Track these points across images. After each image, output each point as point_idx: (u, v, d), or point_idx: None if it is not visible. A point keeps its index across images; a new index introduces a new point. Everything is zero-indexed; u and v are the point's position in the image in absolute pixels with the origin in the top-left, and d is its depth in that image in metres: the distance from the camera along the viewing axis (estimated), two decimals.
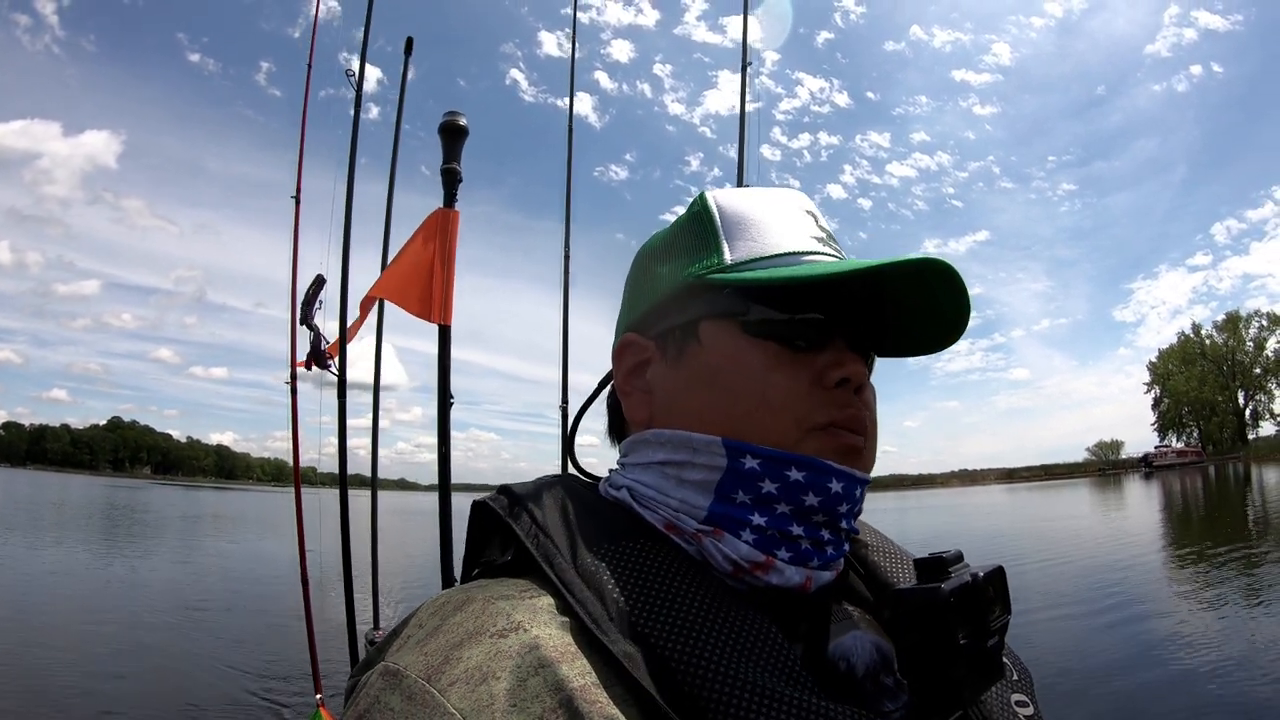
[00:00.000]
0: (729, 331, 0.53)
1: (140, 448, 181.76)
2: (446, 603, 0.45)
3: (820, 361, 0.51)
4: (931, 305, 0.54)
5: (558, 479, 0.57)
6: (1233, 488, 36.72)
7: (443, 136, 2.68)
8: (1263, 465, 56.42)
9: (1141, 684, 5.99)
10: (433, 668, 0.40)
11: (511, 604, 0.43)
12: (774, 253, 0.54)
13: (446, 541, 2.65)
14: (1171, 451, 76.63)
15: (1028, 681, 0.57)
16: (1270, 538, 15.32)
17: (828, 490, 0.49)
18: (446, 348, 2.68)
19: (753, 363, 0.51)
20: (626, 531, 0.49)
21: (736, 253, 0.54)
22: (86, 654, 7.56)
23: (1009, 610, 0.48)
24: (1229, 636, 7.31)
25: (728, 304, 0.53)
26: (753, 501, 0.49)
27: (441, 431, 2.65)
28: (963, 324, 0.54)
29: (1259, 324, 76.06)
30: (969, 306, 0.53)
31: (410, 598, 10.45)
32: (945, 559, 0.47)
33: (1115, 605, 9.19)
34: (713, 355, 0.53)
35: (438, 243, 2.74)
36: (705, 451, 0.50)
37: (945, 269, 0.49)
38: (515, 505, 0.52)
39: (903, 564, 0.61)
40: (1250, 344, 75.99)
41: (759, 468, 0.49)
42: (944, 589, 0.44)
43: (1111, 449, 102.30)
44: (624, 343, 0.59)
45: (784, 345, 0.51)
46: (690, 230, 0.58)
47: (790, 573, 0.49)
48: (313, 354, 4.31)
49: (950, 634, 0.44)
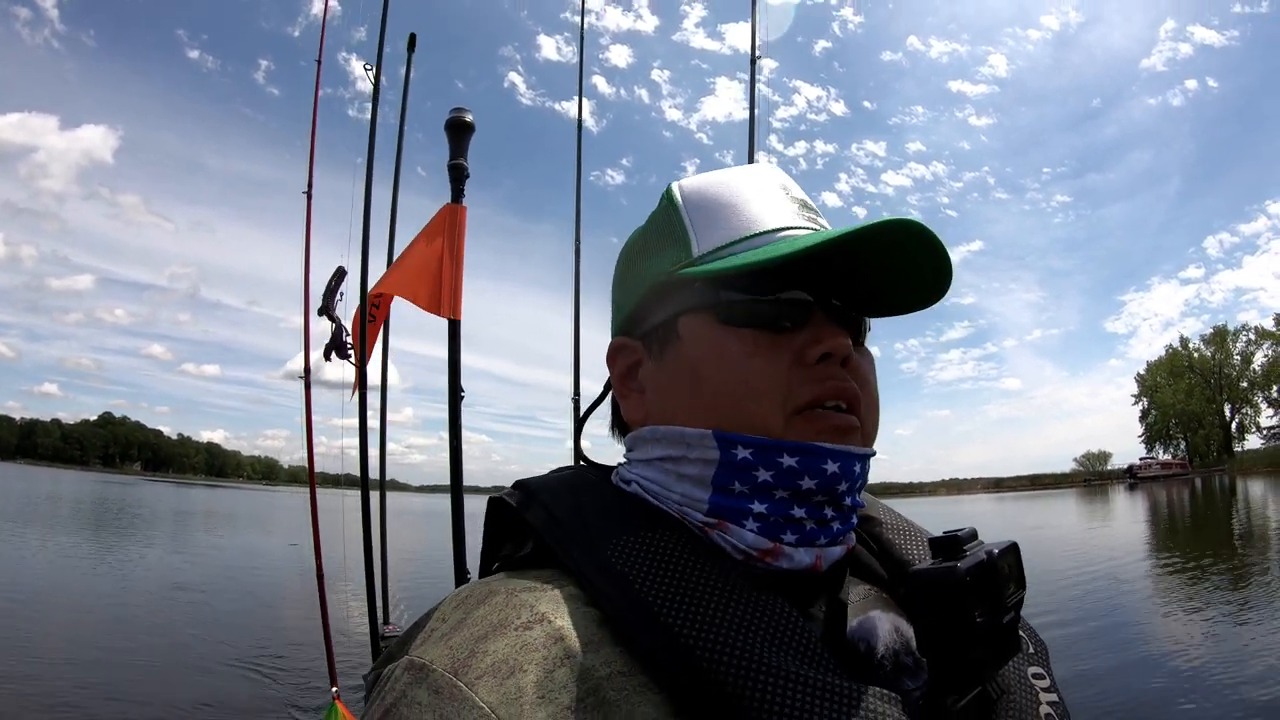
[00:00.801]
0: (705, 323, 0.53)
1: (131, 444, 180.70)
2: (469, 596, 0.46)
3: (800, 340, 0.51)
4: (910, 263, 0.53)
5: (571, 471, 0.58)
6: (1207, 499, 37.16)
7: (449, 132, 2.67)
8: (1247, 478, 57.02)
9: (1101, 693, 6.09)
10: (459, 661, 0.40)
11: (535, 596, 0.44)
12: (742, 235, 0.53)
13: (459, 536, 2.63)
14: (1156, 463, 77.50)
15: (1043, 654, 0.57)
16: (1239, 545, 15.70)
17: (823, 472, 0.49)
18: (457, 342, 2.68)
19: (731, 351, 0.51)
20: (643, 521, 0.49)
21: (704, 242, 0.54)
22: (103, 650, 7.52)
23: (1024, 586, 0.48)
24: (1198, 642, 7.54)
25: (700, 296, 0.53)
26: (751, 491, 0.49)
27: (453, 426, 2.64)
28: (946, 278, 0.54)
29: (1246, 338, 77.07)
30: (949, 261, 0.52)
31: (412, 594, 10.55)
32: (960, 537, 0.47)
33: (1084, 612, 9.41)
34: (693, 349, 0.53)
35: (446, 238, 2.72)
36: (698, 445, 0.51)
37: (916, 228, 0.49)
38: (531, 499, 0.53)
39: (917, 541, 0.60)
40: (1237, 358, 76.96)
41: (752, 457, 0.49)
42: (960, 568, 0.44)
43: (1099, 460, 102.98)
44: (615, 347, 0.60)
45: (761, 329, 0.51)
46: (661, 225, 0.58)
47: (800, 555, 0.49)
48: (334, 344, 4.31)
49: (967, 613, 0.43)
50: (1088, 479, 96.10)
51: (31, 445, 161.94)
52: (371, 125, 4.81)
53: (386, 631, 3.97)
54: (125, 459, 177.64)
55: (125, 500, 43.74)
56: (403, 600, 9.58)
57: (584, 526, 0.49)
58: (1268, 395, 75.25)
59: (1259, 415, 76.92)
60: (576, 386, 5.27)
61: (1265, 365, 74.94)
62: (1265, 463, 67.20)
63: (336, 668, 4.35)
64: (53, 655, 7.20)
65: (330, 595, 4.51)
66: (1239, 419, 78.35)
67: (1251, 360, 76.25)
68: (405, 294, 2.90)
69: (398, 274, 3.05)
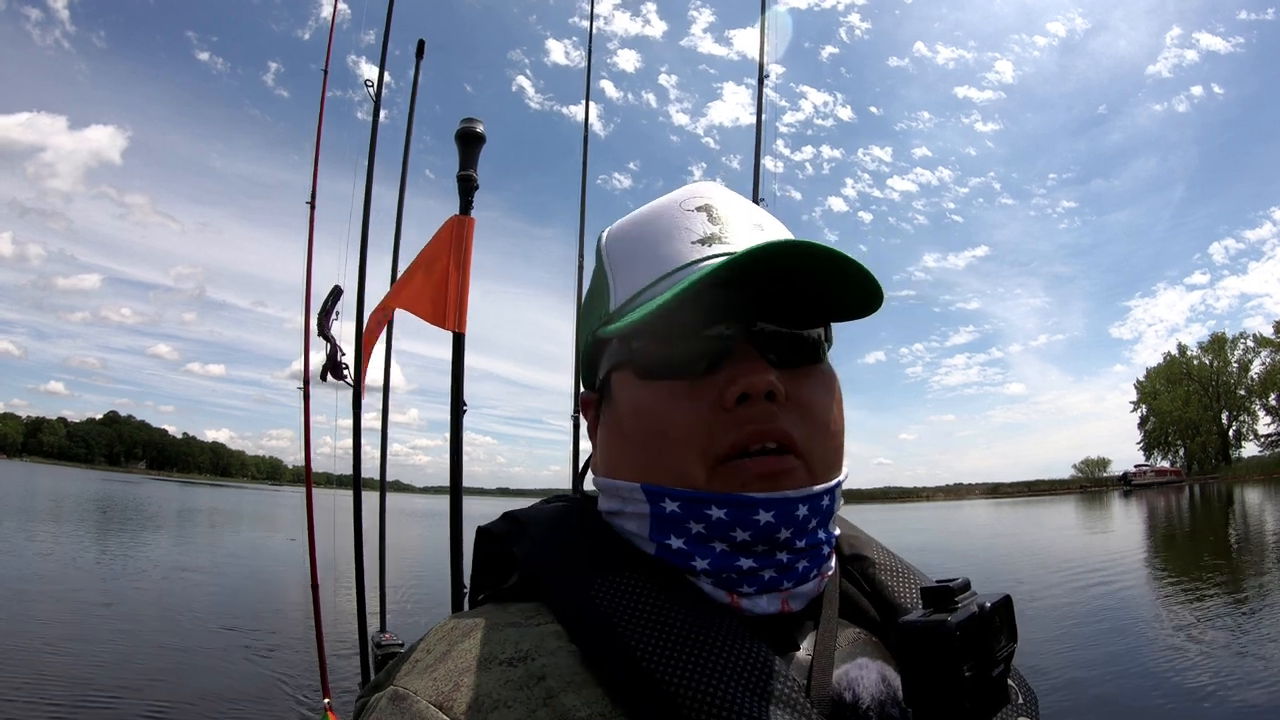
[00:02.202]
0: (626, 379, 0.53)
1: (136, 443, 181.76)
2: (455, 628, 0.46)
3: (719, 381, 0.49)
4: (830, 278, 0.51)
5: (562, 501, 0.59)
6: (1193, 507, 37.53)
7: (459, 143, 2.66)
8: (1243, 485, 56.99)
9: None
10: (442, 694, 0.41)
11: (519, 631, 0.45)
12: (653, 280, 0.52)
13: (457, 547, 2.60)
14: (1150, 471, 77.77)
15: (1033, 705, 0.55)
16: (1217, 548, 16.30)
17: (755, 523, 0.48)
18: (461, 355, 2.66)
19: (646, 404, 0.51)
20: (627, 562, 0.49)
21: (618, 295, 0.54)
22: (90, 653, 7.47)
23: (1015, 639, 0.47)
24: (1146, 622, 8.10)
25: (617, 353, 0.53)
26: (688, 544, 0.49)
27: (454, 437, 2.63)
28: (871, 284, 0.50)
29: (1244, 345, 77.18)
30: (865, 271, 0.49)
31: (414, 597, 10.65)
32: (952, 588, 0.46)
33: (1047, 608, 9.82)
34: (619, 406, 0.53)
35: (453, 250, 2.71)
36: (630, 499, 0.51)
37: (807, 249, 0.47)
38: (519, 532, 0.53)
39: (910, 585, 0.59)
40: (1235, 365, 77.09)
41: (680, 510, 0.49)
42: (950, 622, 0.42)
43: (1098, 466, 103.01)
44: (583, 401, 0.62)
45: (678, 378, 0.50)
46: (596, 279, 0.59)
47: (761, 604, 0.49)
48: (329, 365, 4.25)
49: (956, 667, 0.42)
50: (1084, 485, 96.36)
51: (37, 443, 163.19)
52: (371, 145, 4.74)
53: (384, 640, 3.82)
54: (130, 458, 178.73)
55: (131, 498, 44.00)
56: (409, 602, 9.71)
57: (569, 563, 0.49)
58: (1265, 403, 75.55)
59: (1256, 423, 77.23)
60: (577, 404, 5.06)
61: (1263, 373, 75.25)
62: (1258, 470, 67.41)
63: (329, 678, 4.30)
64: (41, 659, 7.03)
65: (332, 598, 4.54)
66: (1236, 426, 78.64)
67: (1249, 368, 76.54)
68: (409, 307, 2.89)
69: (401, 289, 3.08)
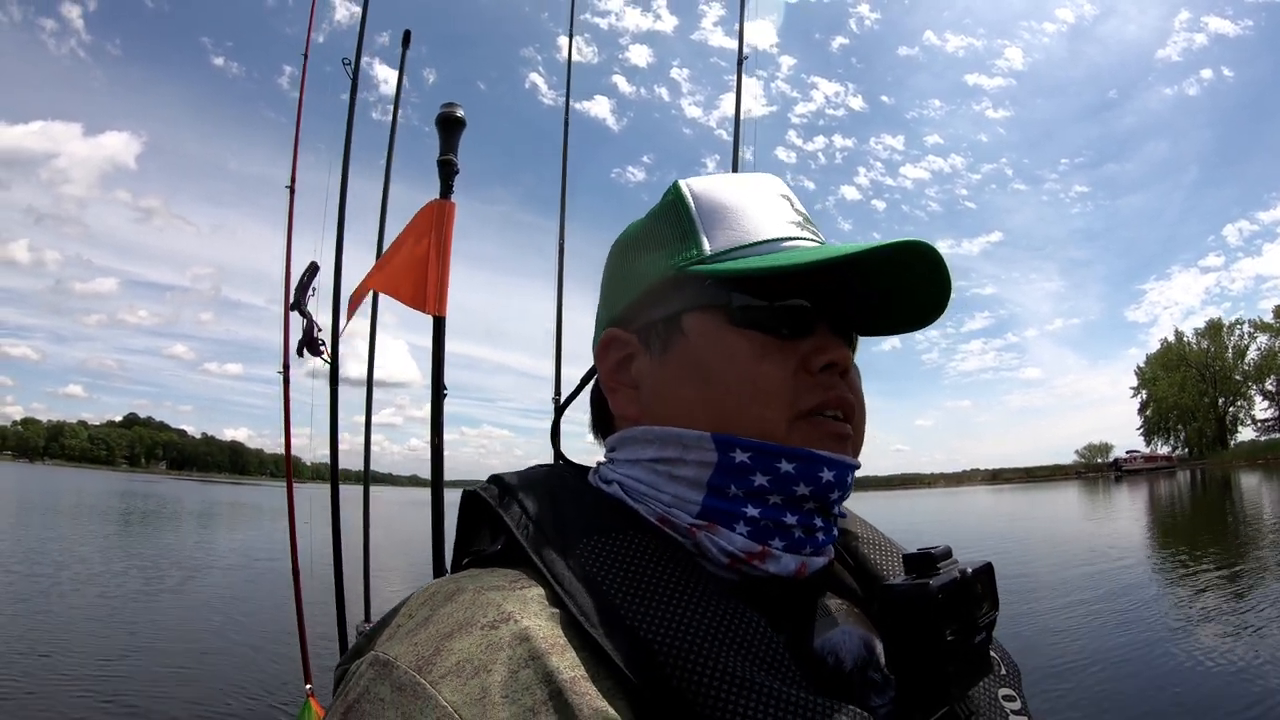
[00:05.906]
0: (714, 323, 0.53)
1: (155, 444, 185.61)
2: (437, 592, 0.45)
3: (805, 347, 0.51)
4: (912, 285, 0.54)
5: (549, 469, 0.58)
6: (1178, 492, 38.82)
7: (439, 128, 2.67)
8: (1230, 471, 57.79)
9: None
10: (424, 659, 0.40)
11: (502, 595, 0.44)
12: (752, 240, 0.54)
13: (438, 533, 2.63)
14: (1140, 457, 79.29)
15: (1015, 676, 0.57)
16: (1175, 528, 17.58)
17: (819, 480, 0.50)
18: (441, 339, 2.67)
19: (740, 352, 0.51)
20: (618, 524, 0.49)
21: (716, 242, 0.54)
22: (73, 644, 7.46)
23: (996, 606, 0.48)
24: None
25: (711, 295, 0.53)
26: (745, 494, 0.49)
27: (435, 423, 2.62)
28: (944, 302, 0.54)
29: (1241, 331, 78.05)
30: (949, 285, 0.53)
31: (404, 584, 10.84)
32: (934, 554, 0.47)
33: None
34: (699, 347, 0.53)
35: (433, 234, 2.71)
36: (695, 448, 0.50)
37: (925, 250, 0.49)
38: (506, 495, 0.52)
39: (892, 557, 0.60)
40: (1230, 350, 77.84)
41: (749, 461, 0.49)
42: (932, 585, 0.44)
43: (1101, 451, 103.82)
44: (607, 338, 0.59)
45: (769, 334, 0.51)
46: (666, 220, 0.58)
47: (786, 560, 0.50)
48: (305, 341, 4.24)
49: (938, 630, 0.43)
50: (1080, 471, 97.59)
51: (59, 446, 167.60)
52: (349, 120, 4.82)
53: (365, 628, 3.76)
54: (150, 458, 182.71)
55: (154, 496, 45.66)
56: (397, 592, 10.72)
57: (557, 526, 0.49)
58: (1261, 388, 76.32)
59: (1253, 408, 78.12)
60: (558, 387, 5.16)
61: (1258, 358, 75.99)
62: (1249, 455, 68.42)
63: (311, 665, 4.33)
64: (34, 657, 7.03)
65: (319, 591, 4.59)
66: (1233, 412, 79.45)
67: (1245, 353, 77.28)
68: (388, 289, 2.90)
69: (380, 270, 3.10)
